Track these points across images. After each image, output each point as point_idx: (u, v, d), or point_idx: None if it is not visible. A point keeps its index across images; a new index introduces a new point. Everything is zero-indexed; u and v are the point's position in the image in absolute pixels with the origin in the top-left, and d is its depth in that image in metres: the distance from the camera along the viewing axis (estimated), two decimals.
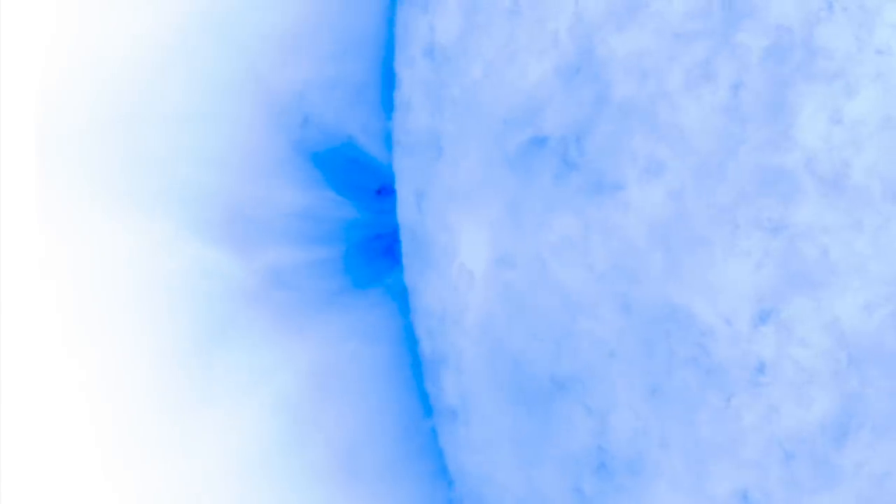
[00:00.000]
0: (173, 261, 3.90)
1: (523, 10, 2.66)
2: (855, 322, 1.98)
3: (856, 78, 1.96)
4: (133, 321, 3.77)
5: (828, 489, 2.07)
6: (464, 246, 2.96)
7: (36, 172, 3.40)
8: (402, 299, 4.30)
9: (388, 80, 4.08)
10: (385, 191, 4.32)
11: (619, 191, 2.40)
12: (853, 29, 1.96)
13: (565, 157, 2.51)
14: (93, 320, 3.70)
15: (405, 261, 4.01)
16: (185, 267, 3.92)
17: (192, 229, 3.93)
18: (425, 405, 4.14)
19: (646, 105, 2.29)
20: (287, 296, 4.09)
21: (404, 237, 3.96)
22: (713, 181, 2.19)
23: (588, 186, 2.46)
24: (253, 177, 4.02)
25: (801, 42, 2.03)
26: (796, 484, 2.11)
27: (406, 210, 3.81)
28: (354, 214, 4.29)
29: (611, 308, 2.44)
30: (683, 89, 2.22)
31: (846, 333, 2.00)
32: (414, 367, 4.21)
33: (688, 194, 2.25)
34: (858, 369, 2.00)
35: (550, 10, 2.54)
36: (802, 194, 2.04)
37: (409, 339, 4.24)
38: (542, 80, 2.57)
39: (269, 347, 3.97)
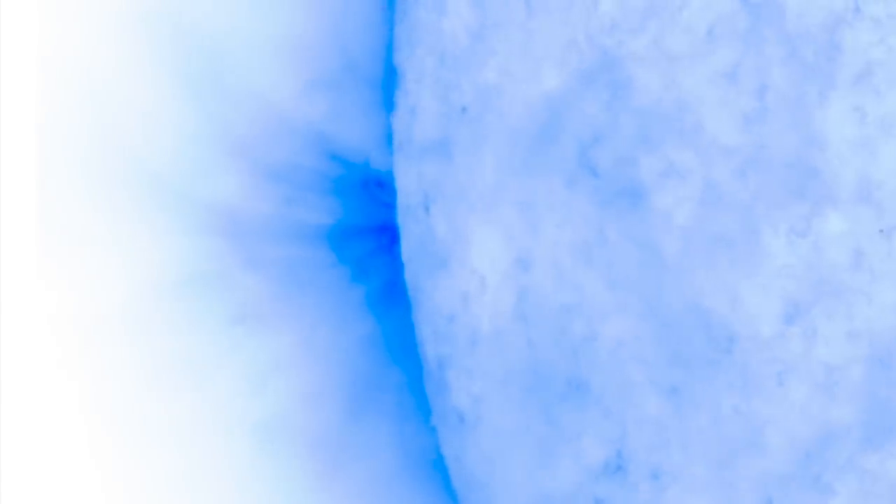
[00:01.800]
0: (169, 264, 3.84)
1: (538, 11, 2.64)
2: (883, 325, 1.98)
3: (883, 80, 1.97)
4: (127, 327, 3.71)
5: (855, 493, 2.06)
6: (477, 250, 2.93)
7: (35, 180, 3.33)
8: (400, 303, 4.27)
9: (388, 81, 4.04)
10: (381, 193, 4.28)
11: (639, 194, 2.38)
12: (880, 31, 1.97)
13: (584, 161, 2.49)
14: (87, 325, 3.63)
15: (408, 264, 3.97)
16: (181, 272, 3.86)
17: (189, 234, 3.87)
18: (425, 411, 4.10)
19: (668, 108, 2.28)
20: (283, 301, 4.04)
21: (407, 241, 3.92)
22: (738, 185, 2.18)
23: (608, 190, 2.44)
24: (248, 181, 3.97)
25: (827, 45, 2.04)
26: (822, 488, 2.11)
27: (410, 214, 3.77)
28: (351, 218, 4.25)
29: (631, 311, 2.43)
30: (708, 92, 2.21)
31: (873, 337, 2.00)
32: (414, 372, 4.17)
33: (712, 198, 2.24)
34: (885, 373, 2.00)
35: (568, 10, 2.52)
36: (829, 197, 2.04)
37: (408, 344, 4.20)
38: (560, 83, 2.55)
39: (265, 353, 3.92)
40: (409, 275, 4.00)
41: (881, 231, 1.96)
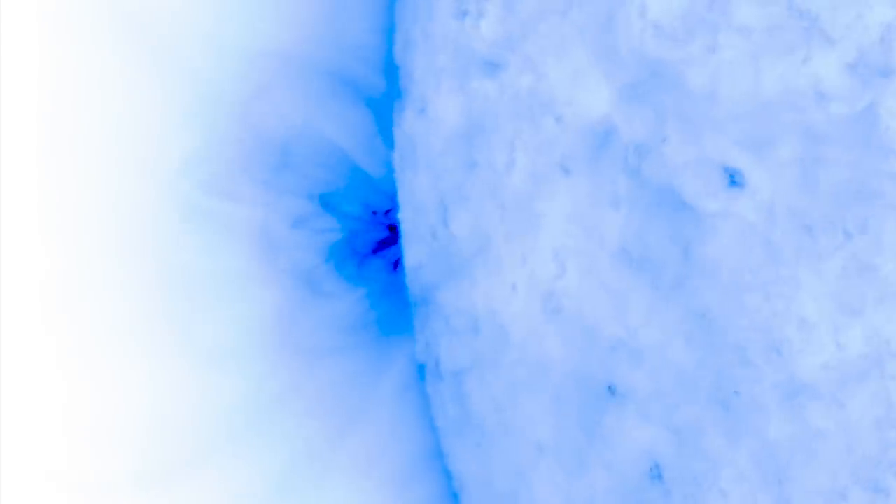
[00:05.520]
0: (167, 272, 3.72)
1: (577, 15, 2.62)
2: None
3: None
4: (129, 336, 3.57)
5: None
6: (506, 256, 2.88)
7: (36, 181, 3.19)
8: (401, 313, 4.19)
9: (391, 84, 3.99)
10: (380, 200, 4.22)
11: (685, 199, 2.36)
12: None
13: (628, 166, 2.47)
14: (87, 334, 3.49)
15: (417, 273, 3.89)
16: (179, 280, 3.75)
17: (187, 241, 3.76)
18: (431, 421, 4.02)
19: (718, 114, 2.27)
20: (285, 308, 3.95)
21: (416, 249, 3.85)
22: (791, 191, 2.18)
23: (652, 194, 2.42)
24: (243, 189, 3.88)
25: (882, 54, 2.06)
26: (880, 497, 2.10)
27: (421, 221, 3.70)
28: (349, 226, 4.17)
29: (674, 316, 2.40)
30: (761, 98, 2.21)
31: None
32: (416, 383, 4.10)
33: (764, 205, 2.23)
34: None
35: (611, 14, 2.50)
36: (888, 204, 2.05)
37: (408, 353, 4.12)
38: (605, 89, 2.53)
39: (277, 370, 3.81)
40: (418, 285, 3.92)
41: None
